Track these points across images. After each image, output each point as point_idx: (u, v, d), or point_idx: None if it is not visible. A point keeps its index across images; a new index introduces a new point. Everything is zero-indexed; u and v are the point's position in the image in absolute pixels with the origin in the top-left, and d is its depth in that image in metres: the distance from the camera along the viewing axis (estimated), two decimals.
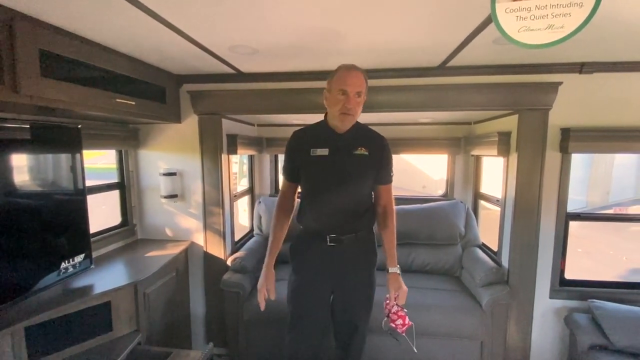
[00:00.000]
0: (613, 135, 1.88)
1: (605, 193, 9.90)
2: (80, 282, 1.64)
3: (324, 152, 1.40)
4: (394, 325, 1.46)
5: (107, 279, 1.70)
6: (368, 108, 2.06)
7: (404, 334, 1.46)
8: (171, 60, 1.89)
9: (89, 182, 1.75)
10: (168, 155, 2.34)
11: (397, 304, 1.45)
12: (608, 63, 1.85)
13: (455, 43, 1.59)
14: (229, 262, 2.29)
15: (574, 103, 1.92)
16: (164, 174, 2.27)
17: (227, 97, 2.15)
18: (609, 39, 1.51)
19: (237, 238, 2.62)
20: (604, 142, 1.89)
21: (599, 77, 1.89)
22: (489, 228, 2.60)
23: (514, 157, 2.02)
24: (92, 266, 1.72)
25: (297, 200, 1.62)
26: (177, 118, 2.25)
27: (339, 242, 1.46)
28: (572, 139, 1.90)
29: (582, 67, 1.89)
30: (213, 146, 2.24)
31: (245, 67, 2.02)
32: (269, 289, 1.48)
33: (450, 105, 2.02)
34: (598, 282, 2.13)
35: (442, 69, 1.98)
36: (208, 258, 2.34)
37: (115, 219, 2.31)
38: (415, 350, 1.50)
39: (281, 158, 3.30)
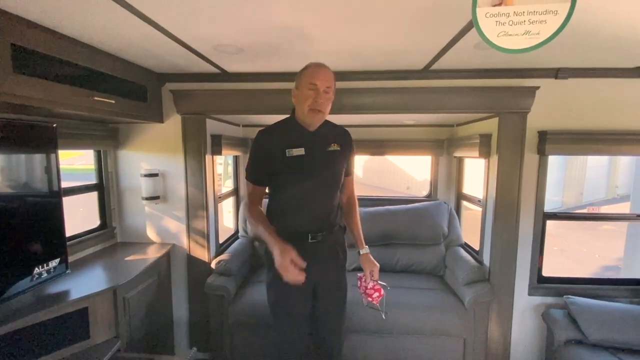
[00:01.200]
0: (587, 138, 1.97)
1: (579, 194, 10.35)
2: (56, 288, 1.57)
3: (300, 151, 1.38)
4: (371, 299, 1.54)
5: (84, 284, 1.63)
6: (353, 110, 2.09)
7: (378, 304, 1.55)
8: (153, 59, 1.84)
9: (65, 184, 1.68)
10: (149, 156, 2.27)
11: (372, 280, 1.54)
12: (581, 69, 1.93)
13: (438, 47, 1.63)
14: (213, 265, 2.25)
15: (550, 107, 2.00)
16: (146, 175, 2.20)
17: (212, 96, 2.12)
18: (582, 46, 1.58)
19: (221, 240, 2.58)
20: (578, 145, 1.98)
21: (573, 82, 1.98)
22: (471, 228, 2.67)
23: (494, 159, 2.08)
24: (68, 271, 1.65)
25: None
26: (159, 118, 2.19)
27: (319, 239, 1.46)
28: (549, 141, 1.97)
29: (557, 73, 1.97)
30: (197, 147, 2.20)
31: (230, 66, 1.99)
32: (294, 258, 1.26)
33: (433, 107, 2.06)
34: (573, 278, 2.22)
35: (426, 72, 2.02)
36: (191, 261, 2.29)
37: (94, 221, 2.23)
38: (386, 313, 1.62)
39: None
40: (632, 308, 1.89)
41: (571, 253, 6.70)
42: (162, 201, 2.29)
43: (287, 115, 1.54)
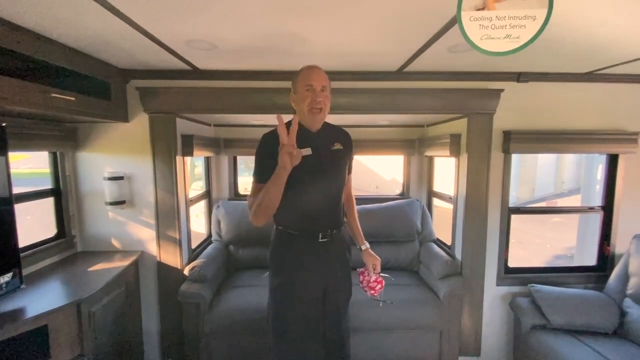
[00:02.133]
0: (546, 137, 2.12)
1: (531, 189, 11.19)
2: (10, 305, 1.40)
3: (307, 151, 1.37)
4: (373, 292, 1.64)
5: (43, 300, 1.48)
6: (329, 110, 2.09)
7: (378, 295, 1.66)
8: (118, 53, 1.72)
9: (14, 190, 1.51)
10: (114, 158, 2.12)
11: (375, 273, 1.64)
12: (540, 73, 2.09)
13: (413, 49, 1.68)
14: (186, 272, 2.15)
15: (513, 108, 2.13)
16: (110, 178, 2.05)
17: (183, 94, 2.02)
18: (541, 52, 1.70)
19: (193, 245, 2.47)
20: (538, 144, 2.13)
21: (533, 86, 2.13)
22: (442, 224, 2.78)
23: (464, 157, 2.18)
24: (23, 286, 1.49)
25: None
26: (124, 117, 2.05)
27: (328, 238, 1.47)
28: (513, 140, 2.11)
29: (519, 76, 2.10)
30: (166, 147, 2.08)
31: (202, 63, 1.91)
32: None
33: (407, 108, 2.12)
34: (535, 268, 2.39)
35: (400, 73, 2.07)
36: (162, 268, 2.17)
37: (47, 230, 2.03)
38: (389, 302, 1.84)
39: (241, 160, 3.19)
40: (587, 293, 2.06)
41: (527, 244, 7.21)
42: (128, 206, 2.14)
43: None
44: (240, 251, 2.66)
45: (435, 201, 2.91)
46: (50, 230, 2.03)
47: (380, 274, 1.65)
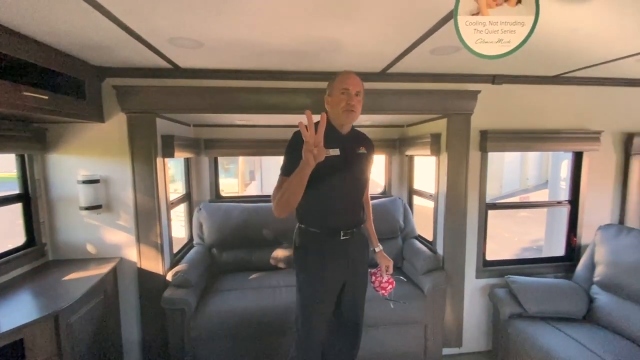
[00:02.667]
0: (519, 136, 2.25)
1: (499, 186, 11.79)
2: None
3: (336, 151, 1.47)
4: (385, 292, 1.75)
5: (16, 313, 1.38)
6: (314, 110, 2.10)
7: (388, 295, 1.77)
8: (94, 49, 1.63)
9: None
10: (88, 160, 2.01)
11: (387, 274, 1.75)
12: (513, 76, 2.21)
13: (398, 51, 1.72)
14: (169, 277, 2.07)
15: (489, 109, 2.24)
16: (84, 182, 1.94)
17: (165, 93, 1.95)
18: (514, 56, 1.79)
19: (175, 250, 2.39)
20: (512, 142, 2.25)
21: (506, 88, 2.25)
22: (422, 220, 2.87)
23: (444, 156, 2.27)
24: None
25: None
26: (99, 116, 1.95)
27: (350, 235, 1.56)
28: (489, 139, 2.22)
29: (494, 79, 2.22)
30: (146, 149, 2.00)
31: (184, 61, 1.85)
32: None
33: (390, 108, 2.17)
34: (510, 260, 2.52)
35: (384, 75, 2.12)
36: (143, 275, 2.08)
37: (17, 238, 1.89)
38: (401, 302, 1.96)
39: (227, 160, 3.12)
40: (558, 282, 2.21)
41: (496, 238, 7.59)
42: (105, 210, 2.04)
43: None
44: (224, 254, 2.60)
45: (416, 198, 3.00)
46: (19, 239, 1.89)
47: (393, 276, 1.76)
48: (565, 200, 2.51)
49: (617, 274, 1.98)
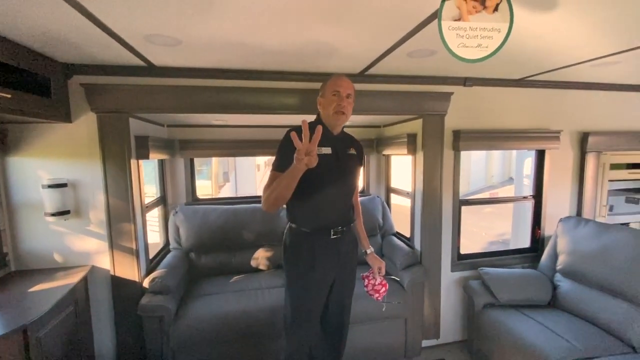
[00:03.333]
0: (489, 136, 2.38)
1: (467, 183, 12.36)
2: None
3: (327, 150, 1.52)
4: (378, 295, 1.75)
5: None
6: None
7: (382, 299, 1.76)
8: (61, 45, 1.53)
9: None
10: (54, 163, 1.88)
11: (380, 276, 1.76)
12: (482, 78, 2.33)
13: (378, 53, 1.77)
14: (146, 284, 1.99)
15: (461, 110, 2.35)
16: (50, 186, 1.82)
17: (139, 92, 1.87)
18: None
19: (151, 255, 2.30)
20: (482, 142, 2.38)
21: (477, 90, 2.37)
22: (399, 217, 2.96)
23: (420, 155, 2.35)
24: None
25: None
26: (66, 116, 1.83)
27: (340, 234, 1.59)
28: (462, 139, 2.33)
29: (465, 81, 2.33)
30: (119, 150, 1.91)
31: (160, 60, 1.79)
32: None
33: (368, 109, 2.21)
34: (482, 253, 2.66)
35: (362, 76, 2.16)
36: (118, 282, 1.98)
37: None
38: (389, 304, 1.91)
39: (199, 161, 3.03)
40: (525, 272, 2.36)
41: (464, 233, 7.96)
42: (73, 216, 1.92)
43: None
44: (203, 258, 2.54)
45: (393, 196, 3.08)
46: None
47: (386, 277, 1.77)
48: (530, 195, 2.69)
49: (577, 262, 2.15)
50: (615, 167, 2.69)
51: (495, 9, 0.91)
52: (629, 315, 1.82)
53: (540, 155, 2.61)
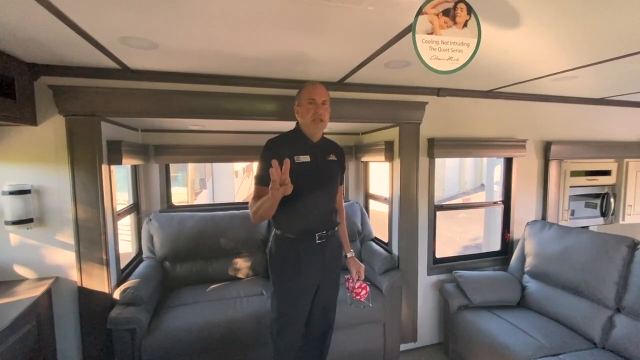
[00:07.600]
0: (461, 144, 2.49)
1: (441, 190, 12.76)
2: None
3: (306, 158, 1.58)
4: (359, 297, 1.77)
5: None
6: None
7: (365, 300, 1.79)
8: (27, 44, 1.46)
9: None
10: (16, 168, 1.78)
11: (359, 280, 1.78)
12: (455, 89, 2.45)
13: (356, 63, 1.82)
14: (116, 295, 1.90)
15: (435, 119, 2.45)
16: (11, 192, 1.71)
17: (112, 95, 1.80)
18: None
19: (122, 265, 2.19)
20: (455, 149, 2.48)
21: (450, 100, 2.48)
22: (377, 223, 3.01)
23: (397, 162, 2.42)
24: None
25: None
26: (31, 119, 1.74)
27: (325, 239, 1.62)
28: (436, 147, 2.42)
29: (438, 91, 2.43)
30: (90, 155, 1.82)
31: (135, 62, 1.75)
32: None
33: (348, 117, 2.25)
34: (456, 257, 2.76)
35: (341, 84, 2.21)
36: (85, 294, 1.87)
37: None
38: (370, 305, 1.88)
39: (174, 167, 2.95)
40: (496, 274, 2.47)
41: (439, 237, 8.20)
42: (37, 225, 1.82)
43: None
44: (178, 267, 2.46)
45: (371, 202, 3.13)
46: None
47: (364, 280, 1.80)
48: (500, 201, 2.83)
49: (542, 264, 2.27)
50: (575, 174, 2.88)
51: (465, 25, 0.97)
52: (589, 312, 1.95)
53: (508, 163, 2.76)
